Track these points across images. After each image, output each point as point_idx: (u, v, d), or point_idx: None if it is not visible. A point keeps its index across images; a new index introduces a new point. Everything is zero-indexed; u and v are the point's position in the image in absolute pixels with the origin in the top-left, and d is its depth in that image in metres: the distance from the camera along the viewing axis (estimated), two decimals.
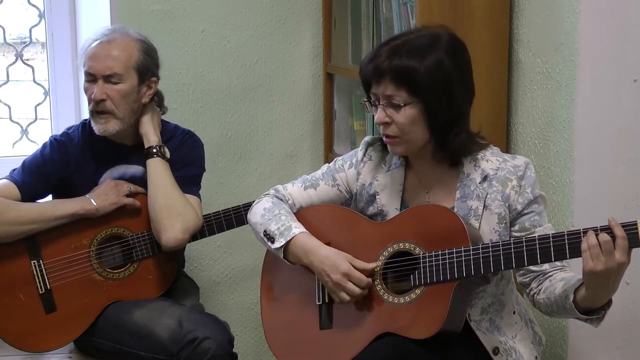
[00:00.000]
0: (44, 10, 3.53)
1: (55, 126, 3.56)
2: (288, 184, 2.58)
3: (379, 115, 2.29)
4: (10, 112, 3.63)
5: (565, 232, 2.13)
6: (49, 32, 3.54)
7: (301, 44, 3.52)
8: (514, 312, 2.42)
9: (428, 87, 2.23)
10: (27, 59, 3.61)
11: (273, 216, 2.47)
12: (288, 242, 2.40)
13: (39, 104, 3.64)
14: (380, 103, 2.28)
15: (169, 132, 2.94)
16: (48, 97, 3.61)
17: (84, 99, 3.51)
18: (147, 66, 2.84)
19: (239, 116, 3.50)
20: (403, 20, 2.93)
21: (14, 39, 3.62)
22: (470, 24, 2.80)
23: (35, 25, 3.58)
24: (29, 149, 3.56)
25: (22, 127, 3.65)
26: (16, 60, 3.59)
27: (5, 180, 2.83)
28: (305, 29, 3.52)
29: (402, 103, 2.25)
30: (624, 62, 2.59)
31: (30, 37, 3.60)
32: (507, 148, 2.91)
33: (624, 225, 2.06)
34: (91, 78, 2.80)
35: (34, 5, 3.55)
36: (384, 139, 2.34)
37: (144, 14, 3.33)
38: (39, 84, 3.62)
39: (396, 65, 2.23)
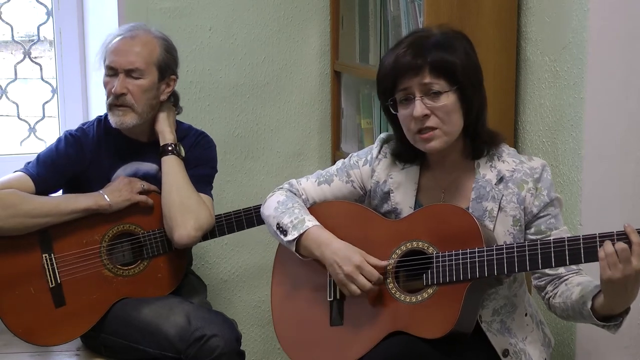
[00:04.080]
0: (52, 8, 3.54)
1: (63, 124, 3.57)
2: (302, 178, 2.58)
3: (419, 108, 2.26)
4: (18, 110, 3.63)
5: (581, 236, 2.12)
6: (57, 30, 3.54)
7: (309, 42, 3.52)
8: (526, 314, 2.41)
9: (464, 75, 2.26)
10: (35, 57, 3.61)
11: (286, 209, 2.46)
12: (301, 235, 2.40)
13: (46, 102, 3.64)
14: (417, 96, 2.27)
15: (183, 132, 2.95)
16: (56, 95, 3.62)
17: (92, 97, 3.53)
18: (168, 64, 2.86)
19: (246, 114, 3.51)
20: (411, 18, 2.92)
21: (21, 37, 3.62)
22: (478, 22, 2.80)
23: (43, 23, 3.58)
24: (36, 146, 3.57)
25: (29, 125, 3.65)
26: (24, 58, 3.59)
27: (20, 173, 2.84)
28: (312, 27, 3.52)
29: (442, 91, 2.26)
30: (632, 60, 2.59)
31: (38, 35, 3.60)
32: (515, 147, 2.90)
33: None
34: (112, 72, 2.82)
35: (41, 4, 3.55)
36: (419, 136, 2.30)
37: (151, 12, 3.33)
38: (46, 82, 3.62)
39: (434, 59, 2.25)
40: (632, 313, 2.59)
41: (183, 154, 2.88)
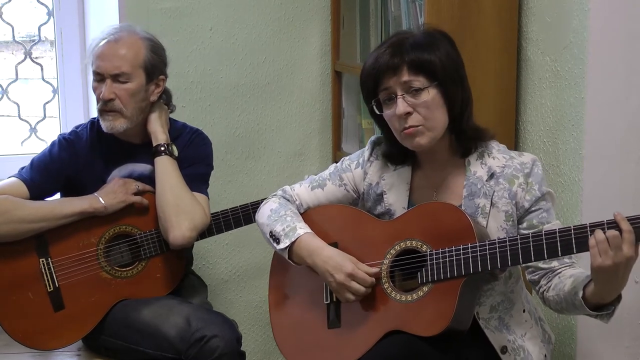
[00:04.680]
0: (53, 8, 3.54)
1: (64, 124, 3.57)
2: (295, 184, 2.59)
3: (401, 106, 2.27)
4: (19, 110, 3.64)
5: (572, 227, 2.13)
6: (58, 30, 3.54)
7: (309, 42, 3.52)
8: (524, 311, 2.42)
9: (444, 72, 2.28)
10: (36, 57, 3.61)
11: (279, 217, 2.47)
12: (292, 243, 2.41)
13: (47, 102, 3.64)
14: (398, 95, 2.28)
15: (177, 130, 2.94)
16: (57, 95, 3.62)
17: (93, 97, 3.51)
18: (155, 64, 2.84)
19: (247, 114, 3.51)
20: (412, 18, 2.92)
21: (22, 37, 3.62)
22: (479, 22, 2.80)
23: (44, 23, 3.58)
24: (37, 147, 3.57)
25: (30, 125, 3.66)
26: (25, 58, 3.60)
27: (14, 179, 2.84)
28: (313, 27, 3.52)
29: (422, 86, 2.27)
30: (633, 60, 2.58)
31: (39, 35, 3.61)
32: (515, 146, 2.90)
33: (629, 219, 2.07)
34: (99, 77, 2.81)
35: (42, 4, 3.55)
36: (404, 134, 2.30)
37: (152, 12, 3.33)
38: (47, 82, 3.63)
39: (411, 57, 2.28)
40: (632, 313, 2.60)
41: (176, 153, 2.87)
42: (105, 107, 2.80)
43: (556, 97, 2.73)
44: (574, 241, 2.12)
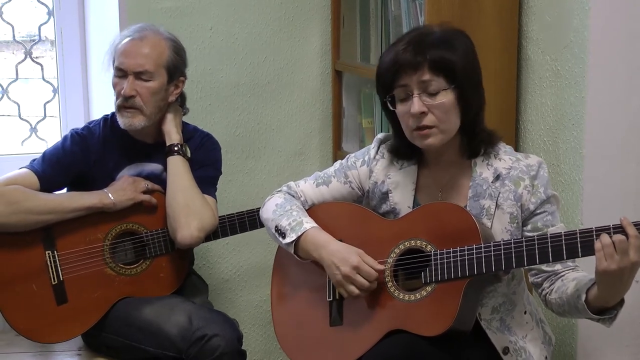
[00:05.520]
0: (53, 8, 3.54)
1: (64, 124, 3.57)
2: (300, 180, 2.58)
3: (416, 105, 2.26)
4: (19, 109, 3.63)
5: (578, 231, 2.13)
6: (58, 30, 3.54)
7: (310, 41, 3.52)
8: (525, 312, 2.41)
9: (463, 73, 2.26)
10: (36, 57, 3.61)
11: (284, 212, 2.47)
12: (299, 237, 2.40)
13: (48, 102, 3.64)
14: (415, 93, 2.27)
15: (188, 133, 2.96)
16: (57, 94, 3.61)
17: (93, 97, 3.53)
18: (177, 65, 2.87)
19: (247, 114, 3.51)
20: (412, 18, 2.93)
21: (23, 37, 3.62)
22: (479, 21, 2.80)
23: (45, 23, 3.58)
24: (38, 146, 3.57)
25: (31, 124, 3.65)
26: (25, 58, 3.59)
27: (25, 170, 2.85)
28: (313, 27, 3.52)
29: (440, 89, 2.26)
30: (634, 59, 2.59)
31: (40, 35, 3.60)
32: (516, 146, 2.90)
33: (636, 224, 2.07)
34: (121, 74, 2.82)
35: (43, 3, 3.55)
36: (416, 133, 2.30)
37: (152, 12, 3.33)
38: (48, 82, 3.62)
39: (434, 56, 2.25)
40: (633, 312, 2.60)
41: (189, 154, 2.88)
42: (125, 103, 2.81)
43: (556, 97, 2.73)
44: (579, 245, 2.12)
